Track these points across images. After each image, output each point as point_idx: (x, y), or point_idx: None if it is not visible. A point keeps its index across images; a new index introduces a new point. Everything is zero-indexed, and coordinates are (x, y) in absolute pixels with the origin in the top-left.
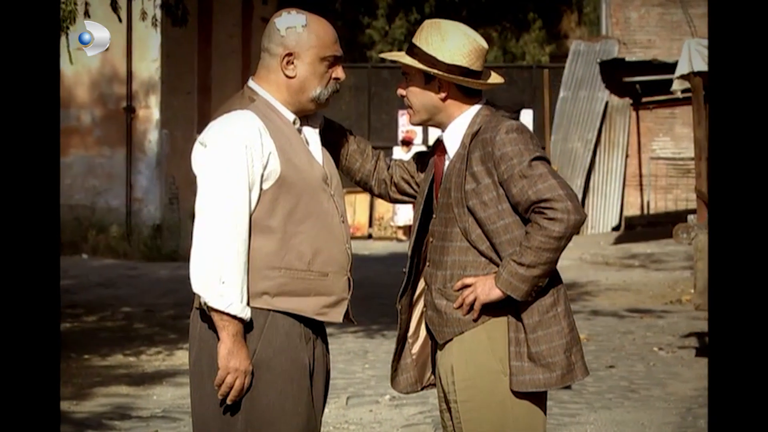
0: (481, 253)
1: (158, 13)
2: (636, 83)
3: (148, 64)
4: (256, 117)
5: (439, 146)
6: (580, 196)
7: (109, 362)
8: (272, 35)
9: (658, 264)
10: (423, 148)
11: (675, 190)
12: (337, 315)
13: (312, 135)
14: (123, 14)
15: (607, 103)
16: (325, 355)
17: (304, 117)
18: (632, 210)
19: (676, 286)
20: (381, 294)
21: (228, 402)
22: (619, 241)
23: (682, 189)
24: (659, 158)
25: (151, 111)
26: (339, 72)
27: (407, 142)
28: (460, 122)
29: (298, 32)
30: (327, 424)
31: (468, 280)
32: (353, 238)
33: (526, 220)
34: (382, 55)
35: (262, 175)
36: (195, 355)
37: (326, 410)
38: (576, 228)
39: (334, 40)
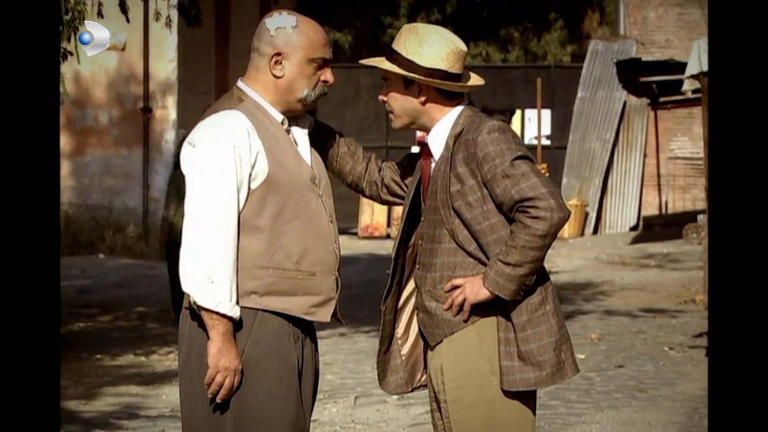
0: (469, 254)
1: (173, 13)
2: (652, 83)
3: (165, 65)
4: (244, 117)
5: (424, 149)
6: (598, 196)
7: (120, 362)
8: (262, 35)
9: (674, 264)
10: None
11: (693, 189)
12: (325, 314)
13: (301, 135)
14: (140, 14)
15: (625, 103)
16: (314, 355)
17: (293, 117)
18: (650, 210)
19: (690, 285)
20: None
21: (217, 401)
22: (636, 240)
23: (701, 189)
24: (677, 158)
25: (168, 111)
26: (328, 75)
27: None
28: (444, 124)
29: (287, 33)
30: (334, 423)
31: (457, 281)
32: (372, 238)
33: (511, 219)
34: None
35: (250, 175)
36: (184, 355)
37: (333, 409)
38: (560, 225)
39: (323, 42)
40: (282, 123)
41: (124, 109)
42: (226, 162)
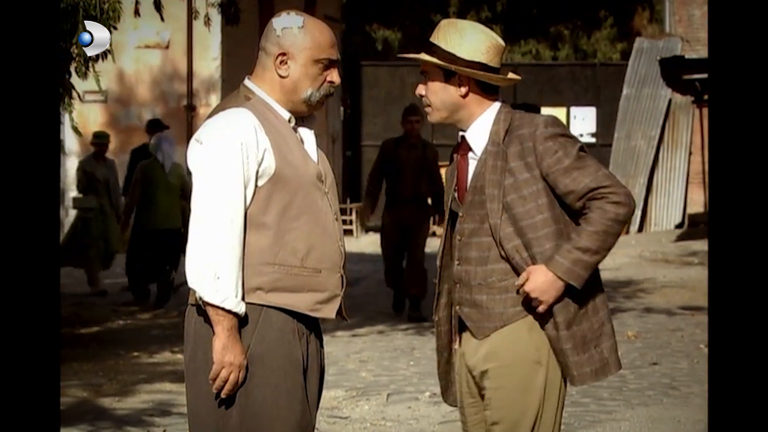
0: (504, 252)
1: (211, 12)
2: (696, 81)
3: (209, 63)
4: (251, 114)
5: (462, 145)
6: (643, 194)
7: (157, 359)
8: (269, 35)
9: None
10: None
11: None
12: (330, 311)
13: (307, 134)
14: (183, 12)
15: (670, 101)
16: (319, 351)
17: (301, 117)
18: (696, 207)
19: None
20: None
21: (222, 396)
22: (680, 238)
23: None
24: None
25: (211, 109)
26: (334, 76)
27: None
28: (484, 120)
29: (293, 33)
30: (365, 420)
31: (524, 277)
32: None
33: (560, 216)
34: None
35: (257, 172)
36: (190, 352)
37: (366, 407)
38: (632, 213)
39: (330, 43)
40: (289, 121)
41: (168, 107)
42: (233, 159)
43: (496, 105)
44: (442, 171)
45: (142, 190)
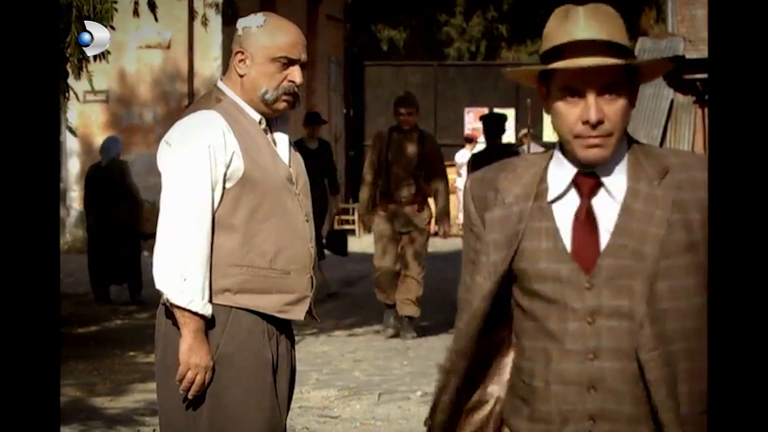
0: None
1: (209, 12)
2: (696, 81)
3: (210, 63)
4: (220, 117)
5: (582, 185)
6: None
7: (152, 359)
8: (234, 35)
9: None
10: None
11: None
12: (299, 312)
13: (280, 136)
14: (184, 12)
15: (672, 101)
16: (289, 352)
17: (273, 118)
18: None
19: None
20: (437, 291)
21: (189, 397)
22: None
23: None
24: None
25: None
26: (295, 75)
27: (470, 140)
28: (623, 145)
29: (252, 32)
30: (355, 420)
31: None
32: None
33: None
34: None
35: (225, 174)
36: (160, 352)
37: (357, 406)
38: None
39: (291, 43)
40: (260, 122)
41: (169, 107)
42: (201, 161)
43: None
44: (449, 169)
45: (89, 192)
